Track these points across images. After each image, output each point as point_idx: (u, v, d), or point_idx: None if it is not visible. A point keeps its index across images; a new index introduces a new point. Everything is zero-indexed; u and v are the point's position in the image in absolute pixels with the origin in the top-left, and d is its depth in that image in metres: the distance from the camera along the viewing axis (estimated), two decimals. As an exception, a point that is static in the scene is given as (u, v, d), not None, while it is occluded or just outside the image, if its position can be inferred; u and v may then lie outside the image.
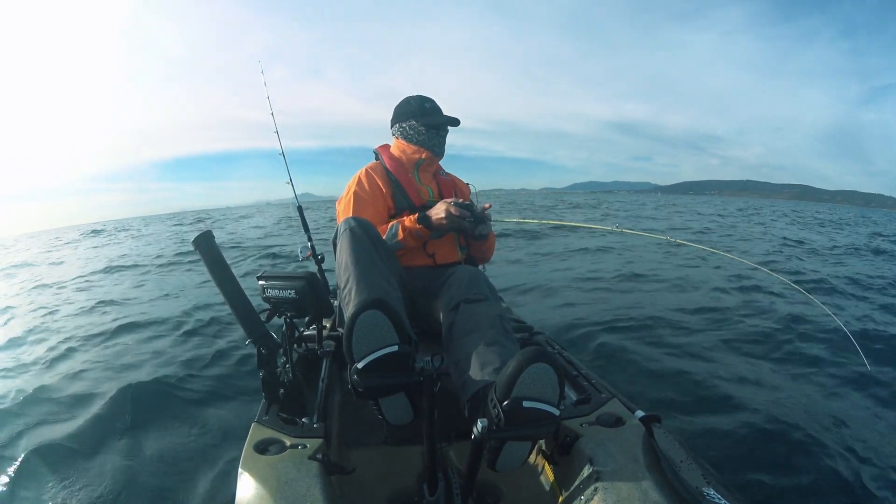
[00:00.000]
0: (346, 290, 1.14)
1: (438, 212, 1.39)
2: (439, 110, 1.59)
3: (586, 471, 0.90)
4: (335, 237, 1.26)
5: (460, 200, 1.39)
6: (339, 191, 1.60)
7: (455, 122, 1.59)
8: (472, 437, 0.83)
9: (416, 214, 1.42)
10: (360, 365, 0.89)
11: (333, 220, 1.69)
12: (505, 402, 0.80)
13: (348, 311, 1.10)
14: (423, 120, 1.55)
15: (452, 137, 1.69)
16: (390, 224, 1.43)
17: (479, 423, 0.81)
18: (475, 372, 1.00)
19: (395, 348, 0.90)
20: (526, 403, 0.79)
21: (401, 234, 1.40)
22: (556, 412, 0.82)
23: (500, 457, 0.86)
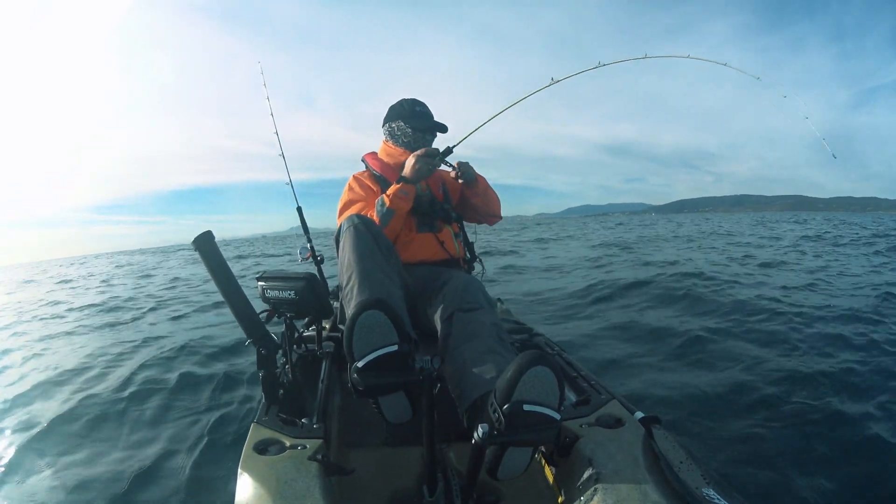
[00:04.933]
0: (347, 288, 1.16)
1: (409, 162, 1.45)
2: (429, 115, 1.63)
3: (586, 472, 0.90)
4: (338, 234, 1.28)
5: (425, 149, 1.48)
6: (332, 222, 1.61)
7: (443, 128, 1.62)
8: (473, 442, 0.82)
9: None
10: (359, 364, 0.91)
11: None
12: (505, 406, 0.78)
13: (349, 311, 1.11)
14: (410, 122, 1.59)
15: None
16: (375, 201, 1.48)
17: (479, 427, 0.80)
18: (472, 381, 1.01)
19: (395, 348, 0.92)
20: (527, 406, 0.79)
21: (387, 201, 1.44)
22: (557, 416, 0.82)
23: (501, 463, 0.85)
